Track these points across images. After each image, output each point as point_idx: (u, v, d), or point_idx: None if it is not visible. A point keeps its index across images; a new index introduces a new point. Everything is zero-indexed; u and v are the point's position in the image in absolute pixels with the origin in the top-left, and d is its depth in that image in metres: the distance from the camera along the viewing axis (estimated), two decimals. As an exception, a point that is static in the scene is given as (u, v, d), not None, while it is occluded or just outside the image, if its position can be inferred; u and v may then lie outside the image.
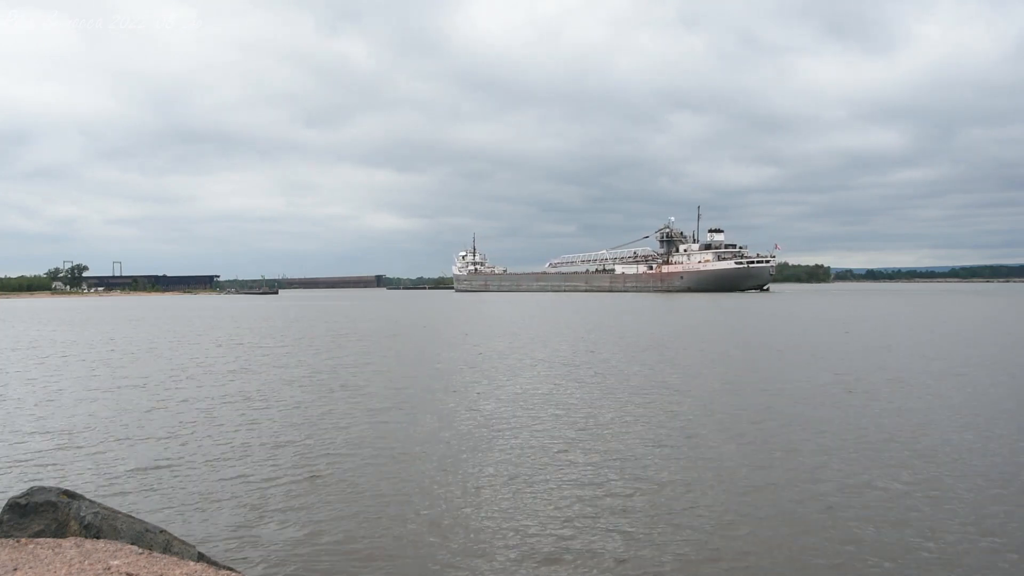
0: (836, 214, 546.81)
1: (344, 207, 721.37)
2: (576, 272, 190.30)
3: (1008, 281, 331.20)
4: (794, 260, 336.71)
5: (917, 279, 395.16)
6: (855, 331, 39.51)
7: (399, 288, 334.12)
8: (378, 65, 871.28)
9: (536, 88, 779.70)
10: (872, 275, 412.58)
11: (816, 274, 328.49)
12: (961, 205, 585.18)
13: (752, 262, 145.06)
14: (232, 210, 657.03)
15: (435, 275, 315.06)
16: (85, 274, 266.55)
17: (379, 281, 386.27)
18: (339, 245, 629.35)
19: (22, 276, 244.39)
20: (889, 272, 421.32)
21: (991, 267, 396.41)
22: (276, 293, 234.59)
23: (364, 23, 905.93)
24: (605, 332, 40.46)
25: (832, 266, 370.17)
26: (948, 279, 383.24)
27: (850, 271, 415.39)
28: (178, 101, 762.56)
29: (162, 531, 6.50)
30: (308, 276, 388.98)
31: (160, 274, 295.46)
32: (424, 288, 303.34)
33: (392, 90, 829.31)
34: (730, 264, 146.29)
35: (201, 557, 6.37)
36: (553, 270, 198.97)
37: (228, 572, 5.99)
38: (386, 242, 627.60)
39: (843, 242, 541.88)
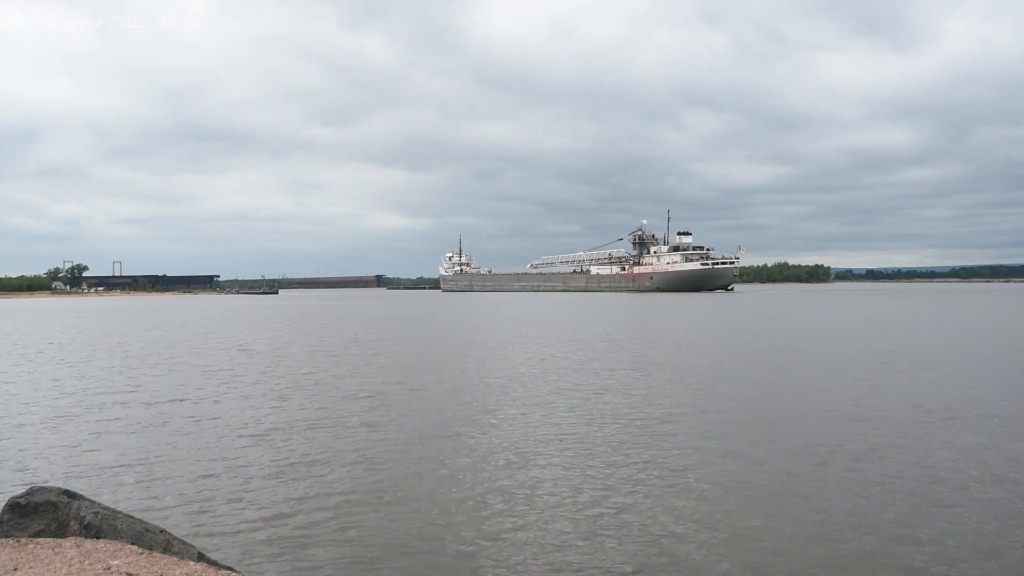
0: (842, 214, 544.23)
1: (351, 206, 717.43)
2: (555, 273, 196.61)
3: (1008, 281, 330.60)
4: (796, 260, 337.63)
5: (917, 279, 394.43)
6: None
7: (399, 288, 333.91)
8: (395, 62, 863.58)
9: (552, 86, 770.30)
10: (872, 275, 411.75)
11: (816, 274, 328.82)
12: (967, 205, 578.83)
13: (717, 263, 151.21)
14: (237, 209, 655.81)
15: (436, 275, 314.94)
16: (85, 274, 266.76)
17: (379, 281, 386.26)
18: (342, 244, 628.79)
19: (22, 276, 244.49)
20: (889, 272, 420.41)
21: (992, 267, 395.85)
22: (276, 293, 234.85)
23: (388, 18, 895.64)
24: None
25: (834, 266, 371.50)
26: (948, 279, 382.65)
27: (850, 271, 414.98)
28: (191, 99, 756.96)
29: (162, 531, 6.49)
30: (308, 276, 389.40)
31: (160, 274, 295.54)
32: (424, 288, 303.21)
33: (408, 87, 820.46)
34: (696, 265, 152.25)
35: (201, 557, 6.36)
36: (534, 271, 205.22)
37: (228, 572, 5.98)
38: (390, 241, 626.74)
39: (847, 242, 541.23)
